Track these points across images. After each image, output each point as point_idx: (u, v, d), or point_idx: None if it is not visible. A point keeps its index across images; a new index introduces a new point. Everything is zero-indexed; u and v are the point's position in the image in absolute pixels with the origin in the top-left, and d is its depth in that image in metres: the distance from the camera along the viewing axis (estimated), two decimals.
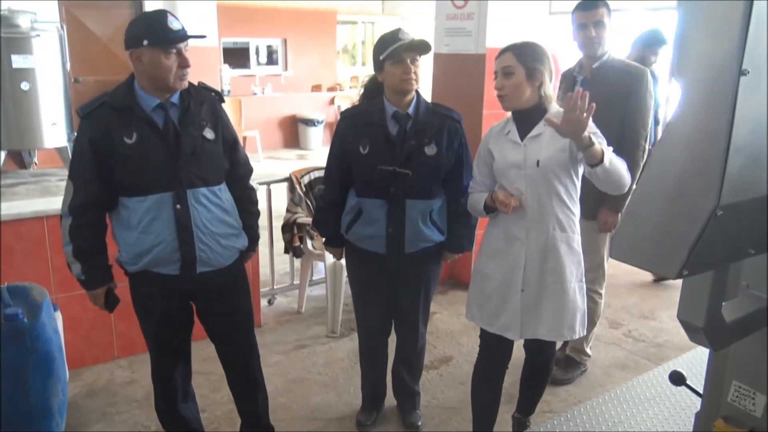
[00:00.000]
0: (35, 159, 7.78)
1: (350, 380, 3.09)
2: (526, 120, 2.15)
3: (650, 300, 4.23)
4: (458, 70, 4.09)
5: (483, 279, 2.27)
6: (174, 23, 1.94)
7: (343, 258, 2.63)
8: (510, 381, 2.46)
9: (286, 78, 11.36)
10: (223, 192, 2.15)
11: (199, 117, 2.07)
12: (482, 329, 2.32)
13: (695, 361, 3.17)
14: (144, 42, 1.91)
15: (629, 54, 3.95)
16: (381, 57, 2.24)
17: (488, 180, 2.27)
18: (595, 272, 2.94)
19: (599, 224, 2.86)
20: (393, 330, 2.68)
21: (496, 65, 2.14)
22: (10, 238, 2.83)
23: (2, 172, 7.08)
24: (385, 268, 2.44)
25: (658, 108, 3.97)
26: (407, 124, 2.31)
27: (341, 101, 10.85)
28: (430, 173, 2.33)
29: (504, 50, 2.14)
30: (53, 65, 6.90)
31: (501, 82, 2.12)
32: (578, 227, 2.21)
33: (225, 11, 9.59)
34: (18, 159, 7.74)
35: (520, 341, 2.34)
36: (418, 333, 2.60)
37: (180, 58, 1.96)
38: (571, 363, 3.17)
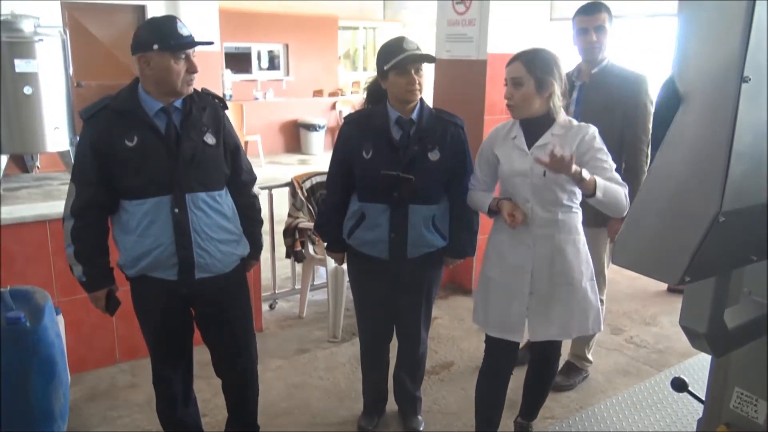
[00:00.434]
0: (37, 163, 7.81)
1: (352, 385, 3.08)
2: (534, 128, 2.15)
3: (652, 306, 4.22)
4: (459, 76, 4.10)
5: (489, 283, 2.28)
6: (183, 29, 1.97)
7: (345, 263, 2.63)
8: (512, 387, 2.46)
9: (288, 83, 11.39)
10: (224, 198, 2.14)
11: (201, 122, 2.07)
12: (488, 334, 2.33)
13: (697, 368, 3.17)
14: (154, 46, 1.94)
15: None
16: (385, 67, 2.24)
17: (490, 179, 2.30)
18: (596, 278, 2.94)
19: (610, 232, 2.86)
20: (394, 335, 2.68)
21: (507, 74, 2.14)
22: (13, 242, 2.84)
23: (5, 176, 7.10)
24: (387, 274, 2.44)
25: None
26: (410, 130, 2.31)
27: (343, 106, 10.88)
28: (433, 178, 2.34)
29: (514, 59, 2.13)
30: (56, 69, 6.93)
31: (510, 92, 2.12)
32: (581, 227, 2.22)
33: (227, 16, 9.63)
34: (20, 163, 7.76)
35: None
36: (420, 338, 2.60)
37: (188, 64, 1.99)
38: (573, 369, 3.17)
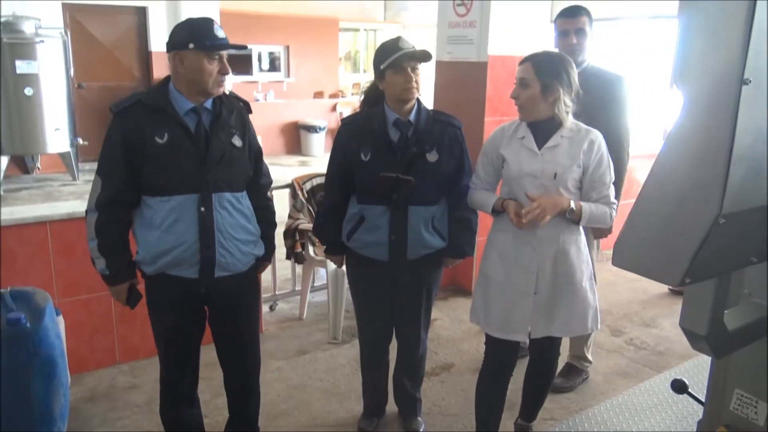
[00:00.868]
0: (38, 164, 7.82)
1: (352, 386, 3.08)
2: (542, 130, 2.17)
3: (652, 308, 4.22)
4: (460, 78, 4.11)
5: (490, 283, 2.28)
6: (219, 31, 2.00)
7: (344, 265, 2.63)
8: (512, 388, 2.46)
9: (289, 85, 11.40)
10: (245, 199, 2.18)
11: (229, 124, 2.11)
12: (488, 334, 2.33)
13: (697, 370, 3.17)
14: (190, 45, 1.96)
15: None
16: (382, 66, 2.25)
17: (492, 179, 2.31)
18: None
19: (595, 233, 2.88)
20: (394, 336, 2.68)
21: (516, 73, 2.16)
22: (13, 243, 2.84)
23: (5, 177, 7.10)
24: (387, 275, 2.44)
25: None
26: (408, 131, 2.32)
27: (343, 108, 10.89)
28: (432, 180, 2.34)
29: (525, 59, 2.16)
30: (57, 71, 6.94)
31: (517, 92, 2.15)
32: (582, 228, 2.23)
33: (228, 18, 9.64)
34: (21, 164, 7.77)
35: (525, 344, 2.36)
36: (419, 339, 2.60)
37: (221, 65, 2.01)
38: (573, 370, 3.17)
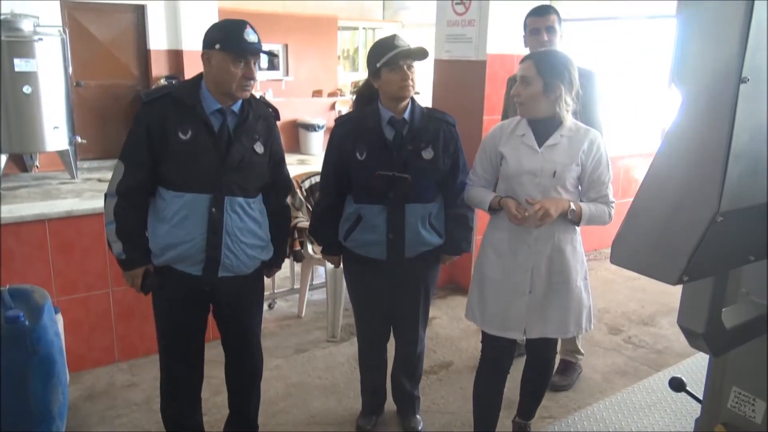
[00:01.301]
0: (37, 162, 7.80)
1: (350, 385, 3.09)
2: (542, 128, 2.17)
3: (650, 306, 4.23)
4: (459, 77, 4.11)
5: (486, 281, 2.28)
6: (251, 36, 1.99)
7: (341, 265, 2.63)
8: (509, 386, 2.46)
9: (287, 83, 11.39)
10: (258, 204, 2.19)
11: (254, 130, 2.12)
12: (484, 332, 2.33)
13: (695, 368, 3.17)
14: (216, 45, 1.97)
15: None
16: (378, 64, 2.24)
17: (490, 176, 2.30)
18: None
19: None
20: (392, 334, 2.68)
21: (518, 71, 2.16)
22: (12, 241, 2.84)
23: (4, 175, 7.09)
24: (385, 274, 2.44)
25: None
26: (403, 129, 2.32)
27: (342, 106, 10.87)
28: (428, 177, 2.34)
29: (527, 57, 2.17)
30: (55, 69, 6.93)
31: (518, 89, 2.14)
32: (578, 227, 2.24)
33: (227, 16, 9.58)
34: (19, 162, 7.75)
35: (522, 341, 2.36)
36: (417, 337, 2.60)
37: (246, 69, 2.00)
38: (569, 366, 3.18)
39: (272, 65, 11.47)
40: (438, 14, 4.23)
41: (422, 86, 2.34)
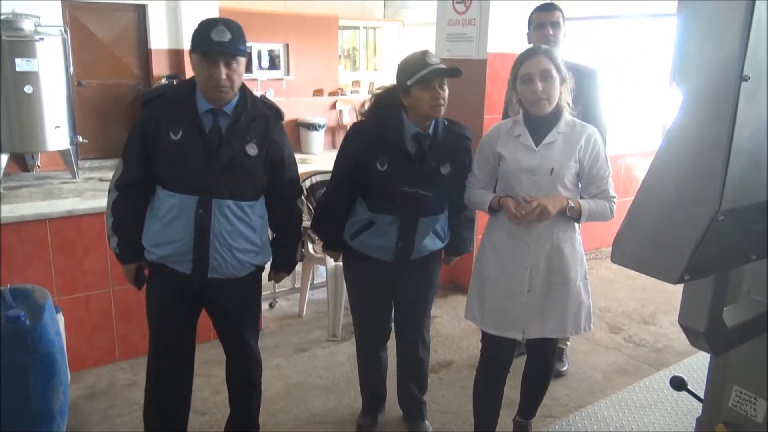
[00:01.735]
0: (38, 162, 7.81)
1: (351, 384, 3.08)
2: (539, 126, 2.15)
3: (651, 305, 4.23)
4: None
5: (485, 280, 2.27)
6: (218, 34, 1.92)
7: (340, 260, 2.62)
8: (510, 385, 2.46)
9: (288, 82, 11.40)
10: (255, 208, 2.13)
11: (246, 131, 2.06)
12: (484, 331, 2.33)
13: (696, 366, 3.17)
14: (191, 47, 1.98)
15: None
16: (409, 82, 2.16)
17: (488, 178, 2.29)
18: None
19: None
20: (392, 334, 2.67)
21: (530, 68, 2.08)
22: (13, 241, 2.84)
23: (5, 175, 7.10)
24: (388, 274, 2.44)
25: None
26: (425, 143, 2.27)
27: (343, 106, 10.88)
28: (444, 192, 2.32)
29: (535, 53, 2.11)
30: (56, 69, 6.93)
31: (540, 85, 2.06)
32: (578, 226, 2.23)
33: (227, 16, 9.60)
34: (21, 162, 7.76)
35: (522, 341, 2.36)
36: (421, 338, 2.59)
37: (213, 70, 1.94)
38: (561, 354, 3.23)
39: (273, 65, 11.48)
40: (439, 13, 4.23)
41: (447, 101, 2.27)
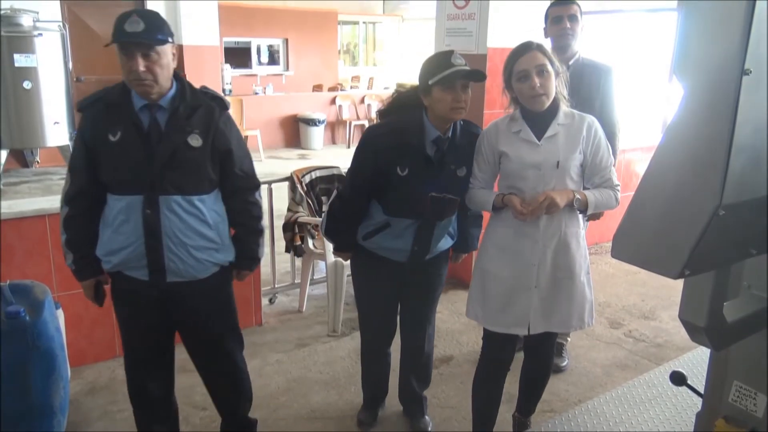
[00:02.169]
0: (37, 158, 7.80)
1: (351, 379, 3.09)
2: (539, 120, 2.12)
3: (650, 300, 4.23)
4: None
5: (489, 277, 2.24)
6: (131, 25, 1.82)
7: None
8: (509, 380, 2.46)
9: (288, 78, 11.38)
10: (207, 203, 2.04)
11: (186, 122, 1.97)
12: (486, 328, 2.31)
13: (696, 361, 3.17)
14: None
15: None
16: (430, 81, 2.11)
17: (489, 177, 2.26)
18: None
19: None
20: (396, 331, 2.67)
21: (526, 64, 2.05)
22: (12, 237, 2.84)
23: (5, 171, 7.09)
24: (398, 273, 2.43)
25: None
26: (444, 146, 2.24)
27: (342, 101, 10.86)
28: (462, 194, 2.29)
29: (529, 48, 2.07)
30: (55, 64, 6.91)
31: (538, 81, 2.04)
32: (582, 222, 2.23)
33: (227, 11, 9.58)
34: (20, 158, 7.75)
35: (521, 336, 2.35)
36: (427, 334, 2.60)
37: (130, 62, 1.85)
38: (561, 348, 3.23)
39: (273, 60, 11.46)
40: (438, 8, 4.21)
41: (469, 105, 2.22)
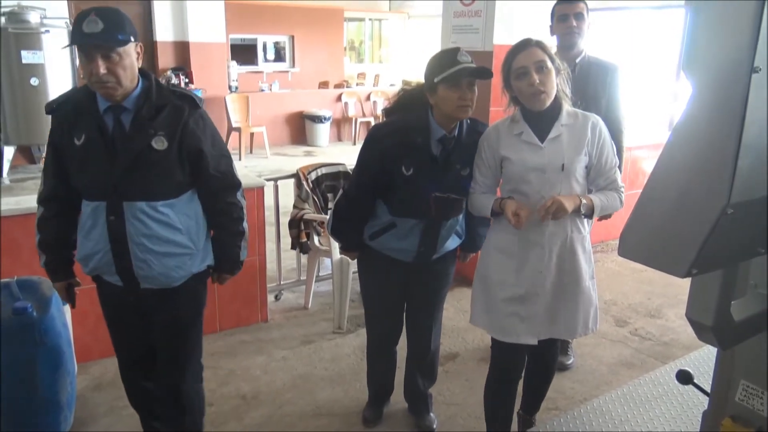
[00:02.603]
0: (44, 154, 7.82)
1: (356, 376, 3.09)
2: (543, 120, 2.06)
3: (657, 298, 4.21)
4: None
5: (493, 285, 2.17)
6: (89, 25, 1.72)
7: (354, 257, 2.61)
8: None
9: (294, 75, 11.38)
10: (177, 207, 1.94)
11: (150, 124, 1.86)
12: (494, 339, 2.24)
13: (702, 360, 3.16)
14: None
15: None
16: (436, 79, 2.08)
17: (491, 182, 2.20)
18: None
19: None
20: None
21: (524, 61, 2.00)
22: (20, 233, 2.85)
23: (12, 167, 7.12)
24: (405, 272, 2.43)
25: None
26: (450, 145, 2.22)
27: (348, 98, 10.86)
28: (465, 192, 2.27)
29: (527, 45, 2.02)
30: (62, 61, 6.93)
31: (538, 78, 1.97)
32: (588, 227, 2.18)
33: (233, 8, 9.60)
34: (27, 154, 7.78)
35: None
36: (432, 333, 2.59)
37: (92, 65, 1.75)
38: (565, 344, 3.24)
39: (279, 57, 11.46)
40: (444, 5, 4.20)
41: (475, 103, 2.20)
